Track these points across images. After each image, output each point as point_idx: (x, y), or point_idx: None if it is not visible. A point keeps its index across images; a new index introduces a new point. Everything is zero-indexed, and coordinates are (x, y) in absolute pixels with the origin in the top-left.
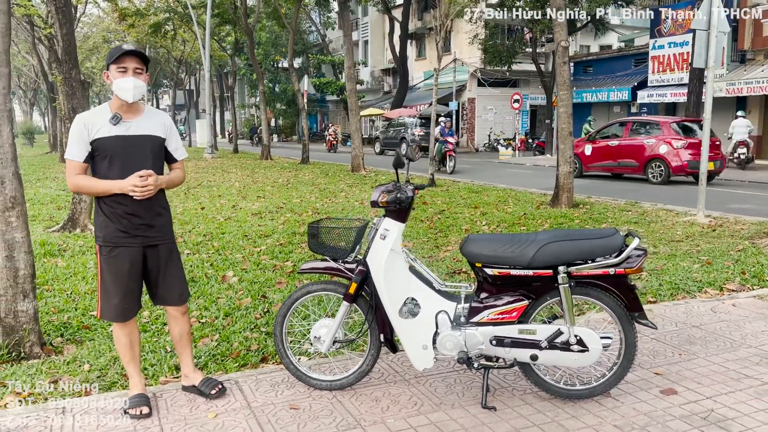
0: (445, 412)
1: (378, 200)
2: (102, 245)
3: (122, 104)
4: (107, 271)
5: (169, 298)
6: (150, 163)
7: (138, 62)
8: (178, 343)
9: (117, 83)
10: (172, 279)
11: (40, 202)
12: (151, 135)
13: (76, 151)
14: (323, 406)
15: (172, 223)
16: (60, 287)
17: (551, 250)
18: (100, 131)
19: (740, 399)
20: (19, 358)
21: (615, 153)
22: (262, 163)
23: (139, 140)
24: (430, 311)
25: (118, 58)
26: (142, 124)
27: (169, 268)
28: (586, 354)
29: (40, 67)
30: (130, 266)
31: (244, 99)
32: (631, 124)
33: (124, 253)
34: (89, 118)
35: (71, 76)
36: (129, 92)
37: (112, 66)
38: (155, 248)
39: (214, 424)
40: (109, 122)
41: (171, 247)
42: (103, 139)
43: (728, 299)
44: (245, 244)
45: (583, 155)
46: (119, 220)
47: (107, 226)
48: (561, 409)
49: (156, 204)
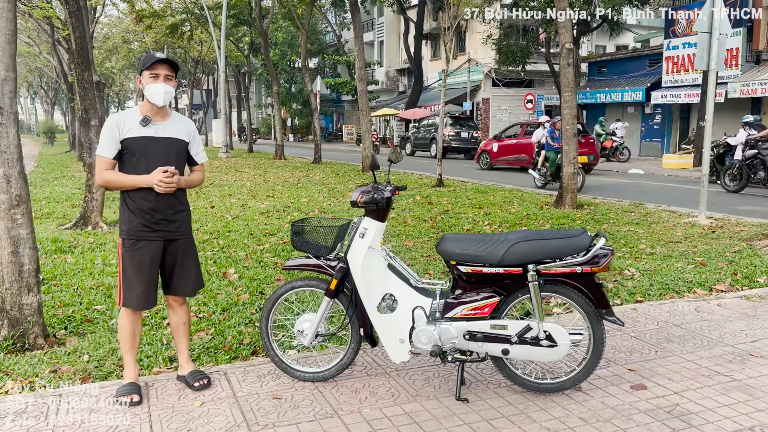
0: (419, 403)
1: (357, 200)
2: (126, 238)
3: (152, 108)
4: (130, 262)
5: (183, 289)
6: (174, 163)
7: (168, 69)
8: (176, 332)
9: (149, 88)
10: (187, 271)
11: (55, 200)
12: (177, 138)
13: (106, 148)
14: (305, 396)
15: (191, 220)
16: (67, 282)
17: (521, 249)
18: (131, 131)
19: (707, 395)
20: (23, 348)
21: (513, 150)
22: (275, 162)
23: (165, 142)
24: (406, 307)
25: (151, 65)
26: (169, 127)
27: (185, 261)
28: (556, 349)
29: (60, 68)
30: (152, 258)
31: (260, 99)
32: (525, 126)
33: (146, 246)
34: (121, 119)
35: (84, 77)
36: (160, 97)
37: (145, 72)
38: (175, 242)
39: (199, 411)
40: (139, 123)
41: (189, 241)
42: (132, 139)
43: (714, 299)
44: (250, 242)
45: (492, 151)
46: (143, 215)
47: (131, 221)
48: (532, 402)
49: (177, 201)
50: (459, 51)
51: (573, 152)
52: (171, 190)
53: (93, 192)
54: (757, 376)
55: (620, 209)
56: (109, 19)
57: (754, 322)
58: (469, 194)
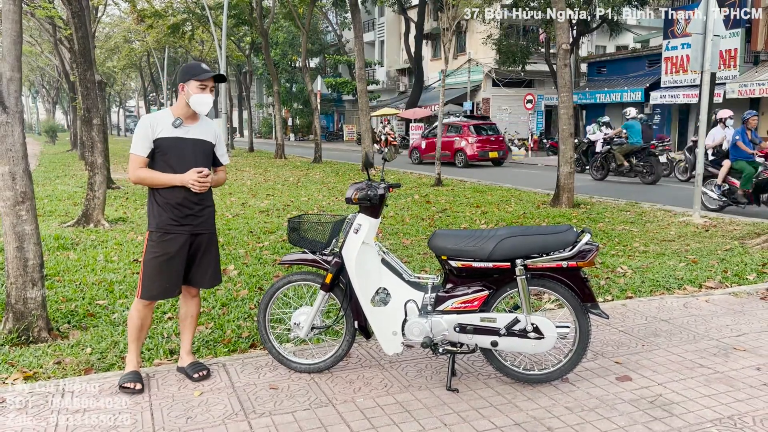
0: (411, 393)
1: (351, 197)
2: (154, 230)
3: (186, 111)
4: (156, 254)
5: (199, 281)
6: (201, 162)
7: (214, 81)
8: (183, 322)
9: (196, 98)
10: (207, 264)
11: (57, 198)
12: (205, 140)
13: (140, 147)
14: (300, 386)
15: (215, 215)
16: (70, 278)
17: (509, 244)
18: (163, 131)
19: (689, 386)
20: (28, 341)
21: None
22: (275, 162)
23: (194, 143)
24: (399, 300)
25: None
26: (198, 129)
27: (206, 254)
28: (543, 341)
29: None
30: (179, 250)
31: (261, 98)
32: (447, 126)
33: (174, 239)
34: (154, 120)
35: (86, 77)
36: (208, 107)
37: (194, 82)
38: (200, 236)
39: (198, 401)
40: (171, 125)
41: (212, 236)
42: (165, 139)
43: (703, 296)
44: (249, 239)
45: (420, 148)
46: (171, 210)
47: (161, 215)
48: (520, 392)
49: (203, 198)
50: (459, 51)
51: (570, 151)
52: (205, 189)
53: (95, 190)
54: (739, 368)
55: (616, 208)
56: (110, 18)
57: (740, 318)
58: (467, 193)
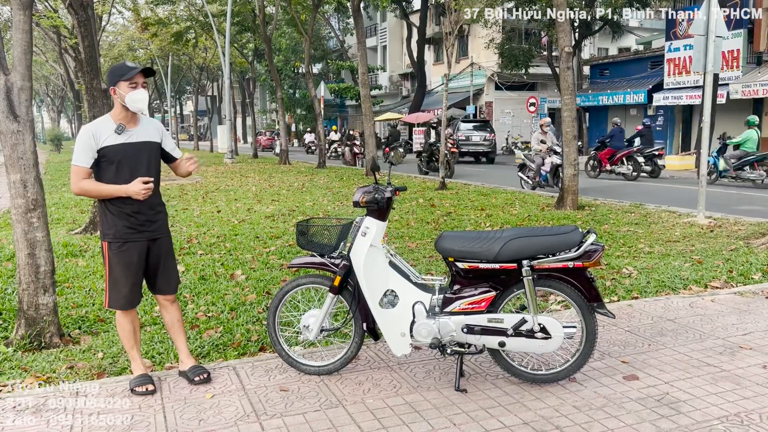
0: (420, 393)
1: (359, 200)
2: (111, 241)
3: (126, 115)
4: (117, 264)
5: (166, 288)
6: (153, 165)
7: (144, 76)
8: (171, 329)
9: (130, 96)
10: (170, 270)
11: (64, 206)
12: (150, 141)
13: (82, 158)
14: (311, 388)
15: (168, 219)
16: (79, 285)
17: (515, 246)
18: (107, 140)
19: (696, 384)
20: (40, 347)
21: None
22: (279, 167)
23: (141, 146)
24: (407, 302)
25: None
26: (141, 132)
27: (168, 259)
28: (550, 341)
29: (66, 76)
30: (138, 258)
31: (265, 104)
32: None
33: (132, 247)
34: (96, 129)
35: (93, 85)
36: (143, 103)
37: (123, 82)
38: (157, 241)
39: (210, 403)
40: (114, 132)
41: (169, 239)
42: (110, 147)
43: (709, 296)
44: (256, 244)
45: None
46: (127, 218)
47: (116, 225)
48: (527, 392)
49: (156, 203)
50: (462, 55)
51: (573, 154)
52: (148, 195)
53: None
54: (746, 366)
55: (621, 210)
56: (114, 27)
57: (746, 317)
58: (471, 197)
